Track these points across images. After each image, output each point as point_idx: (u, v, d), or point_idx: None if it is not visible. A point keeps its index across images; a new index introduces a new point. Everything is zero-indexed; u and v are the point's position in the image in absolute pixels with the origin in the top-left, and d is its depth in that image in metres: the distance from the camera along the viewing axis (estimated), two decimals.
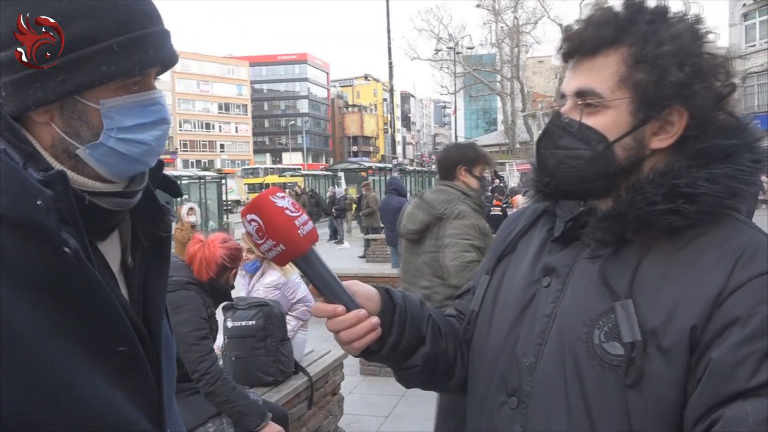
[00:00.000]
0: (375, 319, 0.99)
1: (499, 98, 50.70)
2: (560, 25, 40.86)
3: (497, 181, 22.82)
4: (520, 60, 42.88)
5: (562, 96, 1.03)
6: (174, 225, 1.08)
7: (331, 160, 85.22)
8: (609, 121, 0.96)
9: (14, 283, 0.78)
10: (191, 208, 9.68)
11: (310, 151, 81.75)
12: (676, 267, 0.89)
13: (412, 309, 1.08)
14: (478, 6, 42.58)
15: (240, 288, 3.90)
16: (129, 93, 0.89)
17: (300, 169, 50.58)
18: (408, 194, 11.52)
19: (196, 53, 74.05)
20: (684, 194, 0.90)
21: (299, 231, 0.93)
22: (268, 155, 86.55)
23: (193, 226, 9.34)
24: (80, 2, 0.84)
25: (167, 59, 0.92)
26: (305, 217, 0.95)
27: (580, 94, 0.99)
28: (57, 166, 0.87)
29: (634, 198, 0.93)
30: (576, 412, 0.91)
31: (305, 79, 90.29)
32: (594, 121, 0.97)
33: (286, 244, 0.92)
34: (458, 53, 40.30)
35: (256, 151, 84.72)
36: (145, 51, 0.87)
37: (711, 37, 0.97)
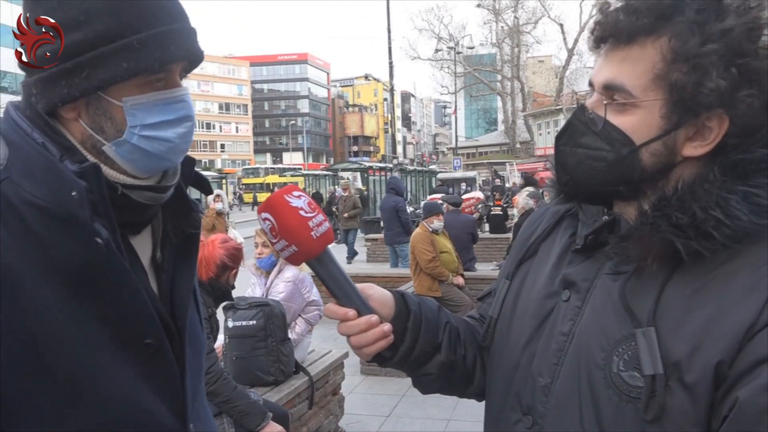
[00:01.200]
0: (387, 326, 0.95)
1: (499, 98, 50.72)
2: (561, 24, 40.88)
3: (498, 180, 22.81)
4: (521, 60, 42.89)
5: (590, 85, 0.92)
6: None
7: (332, 160, 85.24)
8: (638, 123, 0.86)
9: (44, 269, 0.81)
10: (217, 195, 9.19)
11: (310, 151, 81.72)
12: (705, 293, 0.80)
13: (427, 315, 1.04)
14: (478, 6, 42.61)
15: (255, 286, 3.89)
16: (153, 90, 0.89)
17: (300, 168, 50.57)
18: (407, 194, 11.44)
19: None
20: (714, 217, 0.80)
21: (312, 232, 0.90)
22: (268, 155, 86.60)
23: (219, 213, 9.00)
24: (102, 1, 0.84)
25: (191, 56, 0.91)
26: (321, 217, 0.92)
27: (609, 88, 0.87)
28: (91, 159, 0.89)
29: (657, 220, 0.84)
30: None
31: (306, 79, 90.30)
32: (621, 121, 0.87)
33: (298, 245, 0.90)
34: (458, 53, 40.27)
35: (256, 151, 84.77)
36: (167, 47, 0.87)
37: None
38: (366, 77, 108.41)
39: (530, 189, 8.48)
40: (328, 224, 0.93)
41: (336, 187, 22.63)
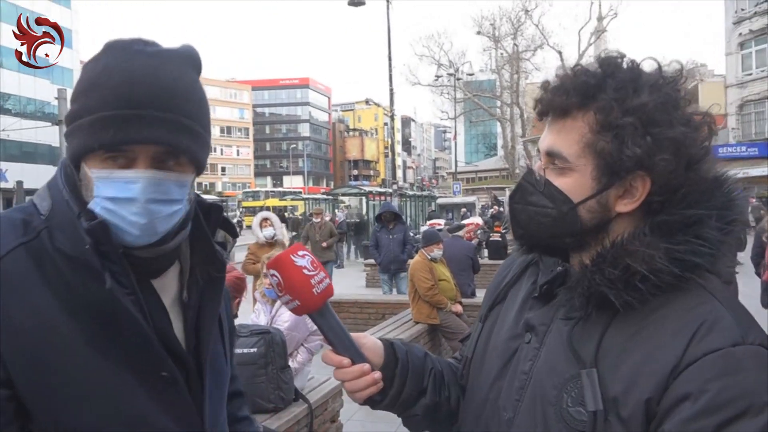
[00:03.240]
0: (377, 374, 1.06)
1: (498, 123, 51.06)
2: (559, 52, 41.32)
3: (496, 207, 22.94)
4: (520, 86, 43.28)
5: (538, 151, 1.06)
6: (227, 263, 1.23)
7: (332, 184, 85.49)
8: (574, 184, 0.98)
9: (72, 308, 0.93)
10: (265, 219, 7.08)
11: (310, 175, 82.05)
12: (639, 337, 0.90)
13: (414, 362, 1.14)
14: (478, 33, 43.20)
15: (260, 312, 3.96)
16: (107, 166, 0.96)
17: (301, 192, 50.71)
18: (407, 219, 11.30)
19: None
20: (640, 272, 0.90)
21: (314, 289, 1.01)
22: (268, 178, 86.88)
23: (271, 244, 6.89)
24: (84, 84, 0.97)
25: (155, 141, 0.94)
26: (322, 275, 1.03)
27: (549, 154, 1.00)
28: (101, 216, 0.99)
29: (593, 275, 0.94)
30: None
31: (307, 103, 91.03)
32: (560, 182, 0.99)
33: (301, 300, 1.01)
34: (458, 79, 40.70)
35: (257, 174, 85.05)
36: (124, 130, 0.92)
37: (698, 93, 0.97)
38: (367, 102, 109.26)
39: None
40: (328, 281, 1.04)
41: (337, 211, 22.69)
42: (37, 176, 38.44)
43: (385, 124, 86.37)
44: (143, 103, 0.93)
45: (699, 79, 39.33)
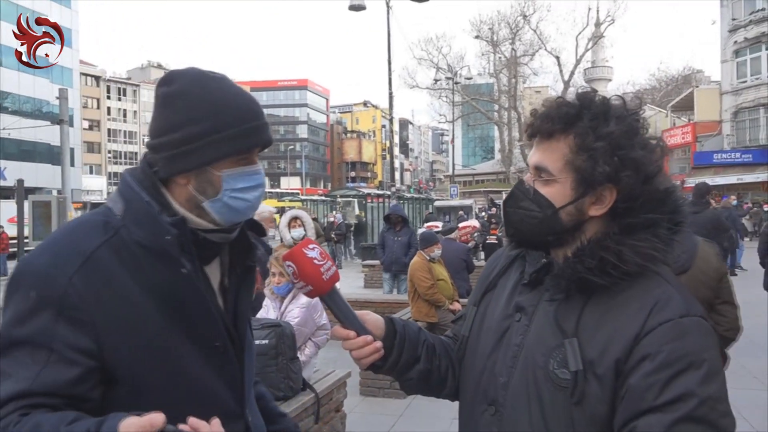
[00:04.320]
0: (378, 344, 1.27)
1: (496, 127, 51.32)
2: (557, 57, 41.59)
3: (494, 209, 23.13)
4: (518, 90, 43.57)
5: (527, 165, 1.31)
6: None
7: (330, 185, 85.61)
8: (556, 192, 1.21)
9: (149, 289, 1.17)
10: (295, 218, 6.22)
11: (308, 176, 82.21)
12: (609, 313, 1.14)
13: (410, 335, 1.36)
14: (476, 37, 43.51)
15: (268, 308, 4.18)
16: (240, 165, 1.25)
17: (298, 193, 50.86)
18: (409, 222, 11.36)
19: None
20: (611, 262, 1.14)
21: (323, 276, 1.25)
22: (266, 179, 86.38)
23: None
24: (212, 105, 1.21)
25: (265, 143, 1.29)
26: (329, 263, 1.27)
27: (537, 168, 1.24)
28: (181, 212, 1.24)
29: (575, 264, 1.17)
30: (535, 421, 1.17)
31: (305, 105, 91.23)
32: (545, 191, 1.22)
33: (313, 285, 1.25)
34: (457, 83, 40.93)
35: None
36: (251, 137, 1.24)
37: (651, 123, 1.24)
38: (365, 104, 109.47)
39: None
40: (335, 268, 1.29)
41: (335, 212, 22.87)
42: (36, 175, 38.54)
43: (383, 126, 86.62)
44: (259, 115, 1.27)
45: (695, 85, 39.69)
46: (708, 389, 1.05)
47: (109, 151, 68.87)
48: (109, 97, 69.36)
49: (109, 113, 69.18)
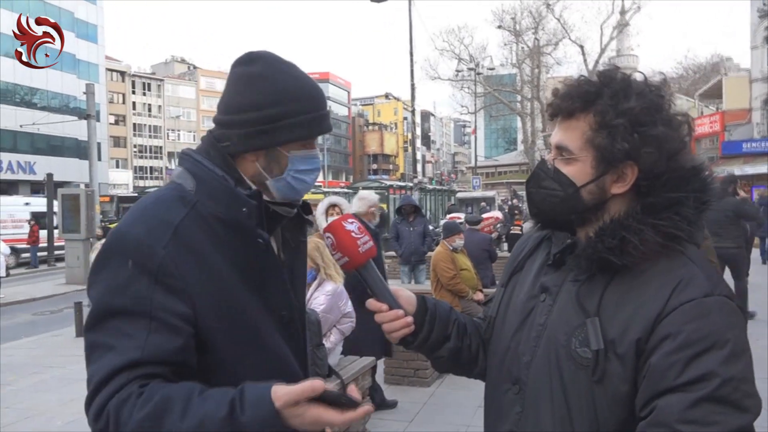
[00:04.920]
0: (409, 319, 1.31)
1: (519, 118, 50.85)
2: (581, 46, 40.99)
3: (515, 201, 23.01)
4: (541, 80, 43.03)
5: (549, 144, 1.32)
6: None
7: (351, 178, 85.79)
8: (577, 171, 1.22)
9: (228, 260, 1.22)
10: (333, 206, 5.52)
11: (330, 169, 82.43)
12: (631, 293, 1.14)
13: (441, 313, 1.39)
14: (499, 27, 42.99)
15: None
16: (305, 149, 1.32)
17: (321, 186, 51.06)
18: (427, 212, 11.39)
19: (221, 71, 75.45)
20: (632, 242, 1.14)
21: (359, 249, 1.29)
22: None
23: None
24: (289, 92, 1.27)
25: (327, 129, 1.35)
26: (366, 237, 1.30)
27: (558, 147, 1.24)
28: (254, 187, 1.30)
29: (596, 244, 1.18)
30: (557, 400, 1.18)
31: (327, 98, 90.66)
32: (567, 170, 1.23)
33: (349, 257, 1.29)
34: (479, 73, 40.64)
35: None
36: (319, 124, 1.31)
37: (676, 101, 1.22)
38: (386, 96, 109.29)
39: None
40: (372, 243, 1.32)
41: None
42: (65, 169, 39.22)
43: (405, 118, 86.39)
44: (326, 104, 1.35)
45: (723, 73, 38.82)
46: (731, 369, 1.03)
47: (135, 145, 69.80)
48: (134, 92, 70.19)
49: (134, 108, 70.06)
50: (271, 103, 1.25)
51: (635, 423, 1.10)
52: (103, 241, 1.54)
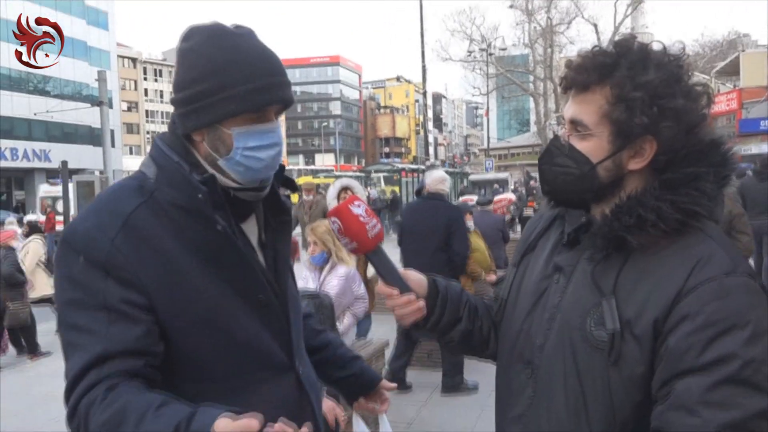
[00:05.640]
0: (421, 303, 1.28)
1: (532, 99, 50.38)
2: (594, 25, 40.35)
3: (532, 182, 22.85)
4: (554, 60, 42.46)
5: (562, 119, 1.24)
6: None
7: (363, 162, 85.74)
8: (593, 147, 1.16)
9: (187, 248, 1.19)
10: (345, 189, 5.64)
11: (342, 153, 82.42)
12: (648, 272, 1.09)
13: (452, 295, 1.36)
14: (511, 7, 42.35)
15: (308, 279, 4.24)
16: (252, 123, 1.23)
17: (333, 170, 51.04)
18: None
19: None
20: (650, 219, 1.09)
21: (368, 233, 1.24)
22: (301, 156, 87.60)
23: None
24: (220, 63, 1.20)
25: (282, 101, 1.25)
26: (375, 221, 1.26)
27: (572, 122, 1.18)
28: (210, 171, 1.25)
29: (612, 222, 1.13)
30: (570, 382, 1.14)
31: (338, 81, 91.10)
32: (582, 146, 1.17)
33: (358, 241, 1.25)
34: (491, 54, 40.22)
35: (289, 153, 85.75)
36: (263, 95, 1.21)
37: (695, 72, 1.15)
38: (398, 79, 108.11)
39: None
40: (380, 226, 1.28)
41: (369, 188, 22.91)
42: (79, 156, 39.54)
43: (417, 101, 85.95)
44: (277, 71, 1.24)
45: (741, 49, 38.11)
46: (752, 351, 0.99)
47: (148, 132, 70.11)
48: (146, 79, 70.44)
49: (146, 94, 70.34)
50: (200, 78, 1.19)
51: (650, 406, 1.07)
52: None
